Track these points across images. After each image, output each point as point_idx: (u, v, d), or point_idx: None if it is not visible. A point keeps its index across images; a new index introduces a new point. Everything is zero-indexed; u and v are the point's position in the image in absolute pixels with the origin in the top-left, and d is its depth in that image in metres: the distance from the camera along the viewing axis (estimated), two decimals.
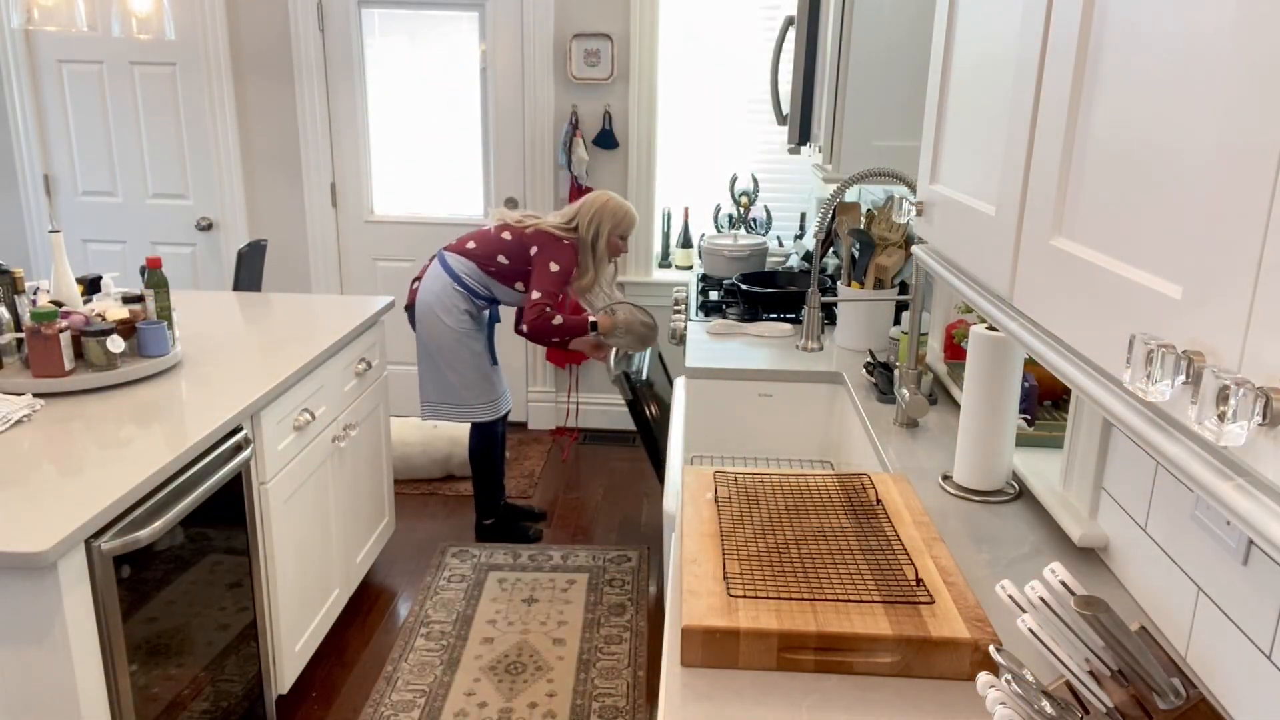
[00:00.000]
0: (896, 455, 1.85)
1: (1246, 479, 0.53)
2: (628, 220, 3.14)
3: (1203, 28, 0.60)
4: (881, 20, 2.16)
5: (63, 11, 2.76)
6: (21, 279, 2.23)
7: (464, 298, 3.13)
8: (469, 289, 3.13)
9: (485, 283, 3.14)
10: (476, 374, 3.22)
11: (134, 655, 1.77)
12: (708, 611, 1.16)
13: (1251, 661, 1.01)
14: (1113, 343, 0.68)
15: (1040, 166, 0.85)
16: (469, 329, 3.16)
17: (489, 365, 3.27)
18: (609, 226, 3.10)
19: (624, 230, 3.14)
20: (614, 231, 3.12)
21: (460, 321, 3.13)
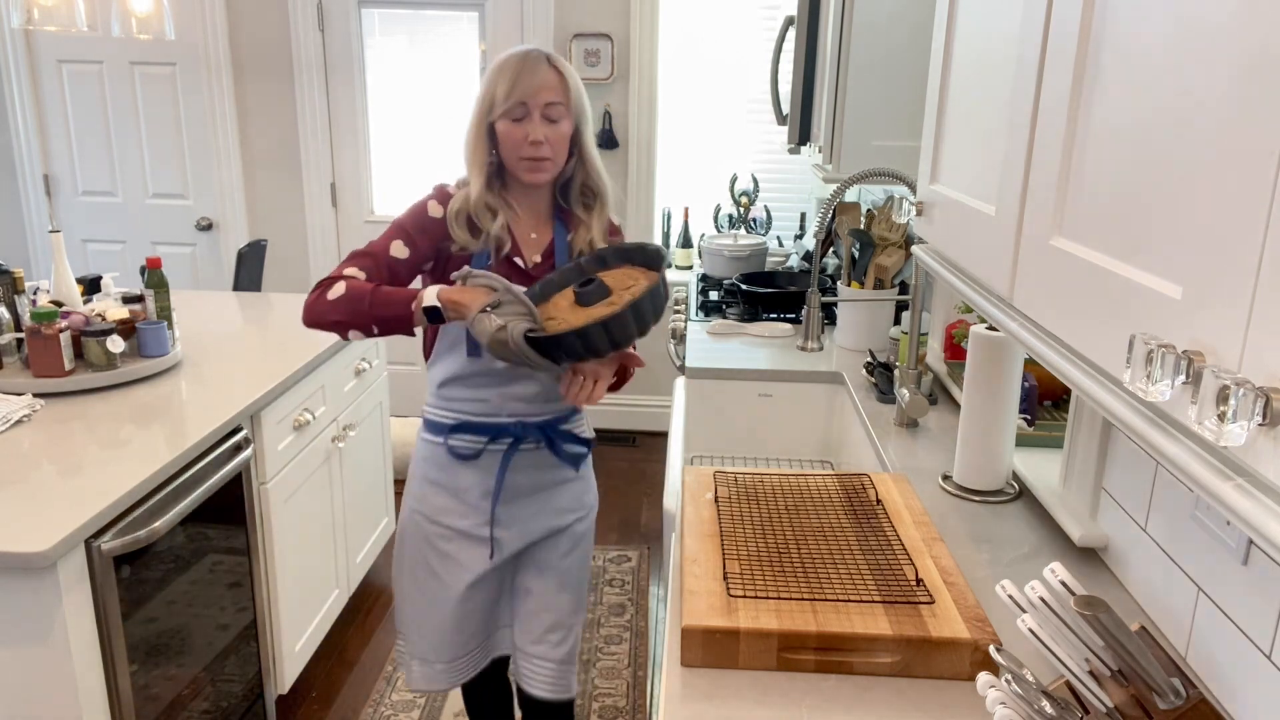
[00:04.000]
0: (896, 455, 1.85)
1: (1246, 479, 0.53)
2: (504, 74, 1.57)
3: (1203, 28, 0.60)
4: (881, 20, 2.16)
5: (63, 11, 2.76)
6: (21, 279, 2.23)
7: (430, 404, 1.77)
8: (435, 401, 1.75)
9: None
10: (421, 597, 1.79)
11: (134, 655, 1.77)
12: (708, 611, 1.16)
13: (1251, 661, 1.01)
14: (1113, 343, 0.68)
15: (1040, 166, 0.85)
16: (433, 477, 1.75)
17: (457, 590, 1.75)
18: (483, 98, 1.60)
19: (509, 92, 1.56)
20: (495, 102, 1.57)
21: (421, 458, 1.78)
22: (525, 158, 1.60)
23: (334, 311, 1.54)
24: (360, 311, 1.52)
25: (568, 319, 1.49)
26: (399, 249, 1.62)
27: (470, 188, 1.63)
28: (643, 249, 1.64)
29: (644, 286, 1.52)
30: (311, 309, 1.57)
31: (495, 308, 1.45)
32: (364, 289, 1.53)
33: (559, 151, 1.62)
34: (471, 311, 1.45)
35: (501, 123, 1.60)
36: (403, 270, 1.61)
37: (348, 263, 1.60)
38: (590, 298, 1.52)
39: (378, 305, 1.53)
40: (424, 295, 1.51)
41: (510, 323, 1.43)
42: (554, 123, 1.59)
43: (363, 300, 1.52)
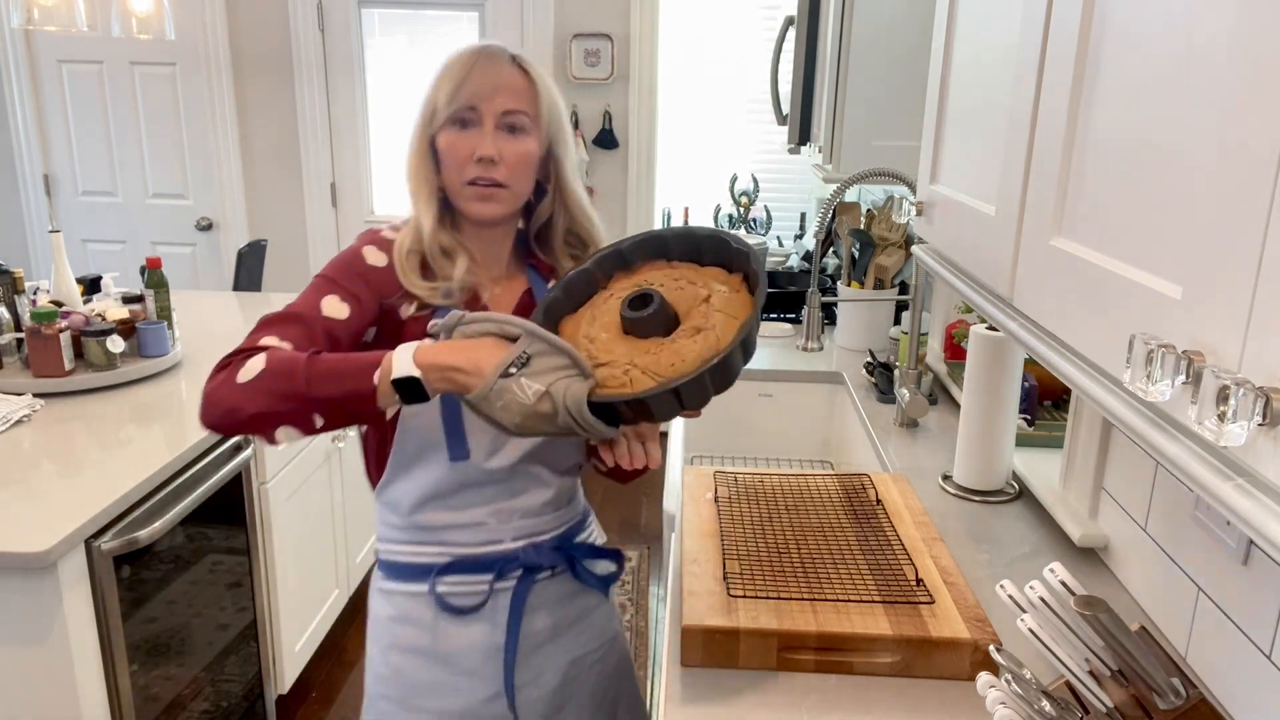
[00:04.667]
0: (896, 455, 1.84)
1: (1246, 479, 0.53)
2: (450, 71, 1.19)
3: (1203, 27, 0.60)
4: (882, 20, 2.16)
5: (63, 11, 2.76)
6: (21, 279, 2.23)
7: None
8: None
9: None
10: None
11: (134, 655, 1.77)
12: (708, 611, 1.16)
13: (1251, 661, 1.01)
14: (1113, 343, 0.68)
15: (1040, 166, 0.85)
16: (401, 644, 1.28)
17: None
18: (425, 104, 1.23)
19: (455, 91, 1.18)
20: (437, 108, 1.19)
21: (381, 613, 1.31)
22: (471, 180, 1.16)
23: (250, 400, 1.02)
24: (292, 394, 1.01)
25: (628, 360, 1.03)
26: (334, 306, 1.14)
27: (419, 224, 1.19)
28: (719, 241, 1.14)
29: (743, 307, 1.06)
30: (214, 401, 1.04)
31: (524, 365, 0.99)
32: (293, 360, 1.03)
33: (518, 176, 1.18)
34: (484, 378, 0.98)
35: (444, 133, 1.17)
36: (344, 336, 1.14)
37: (259, 331, 1.11)
38: (649, 325, 1.06)
39: (319, 381, 1.01)
40: (393, 360, 1.01)
41: (555, 386, 0.98)
42: (514, 136, 1.17)
43: (294, 376, 1.02)
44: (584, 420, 0.98)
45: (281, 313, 1.13)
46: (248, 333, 1.12)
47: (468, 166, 1.16)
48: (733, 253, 1.13)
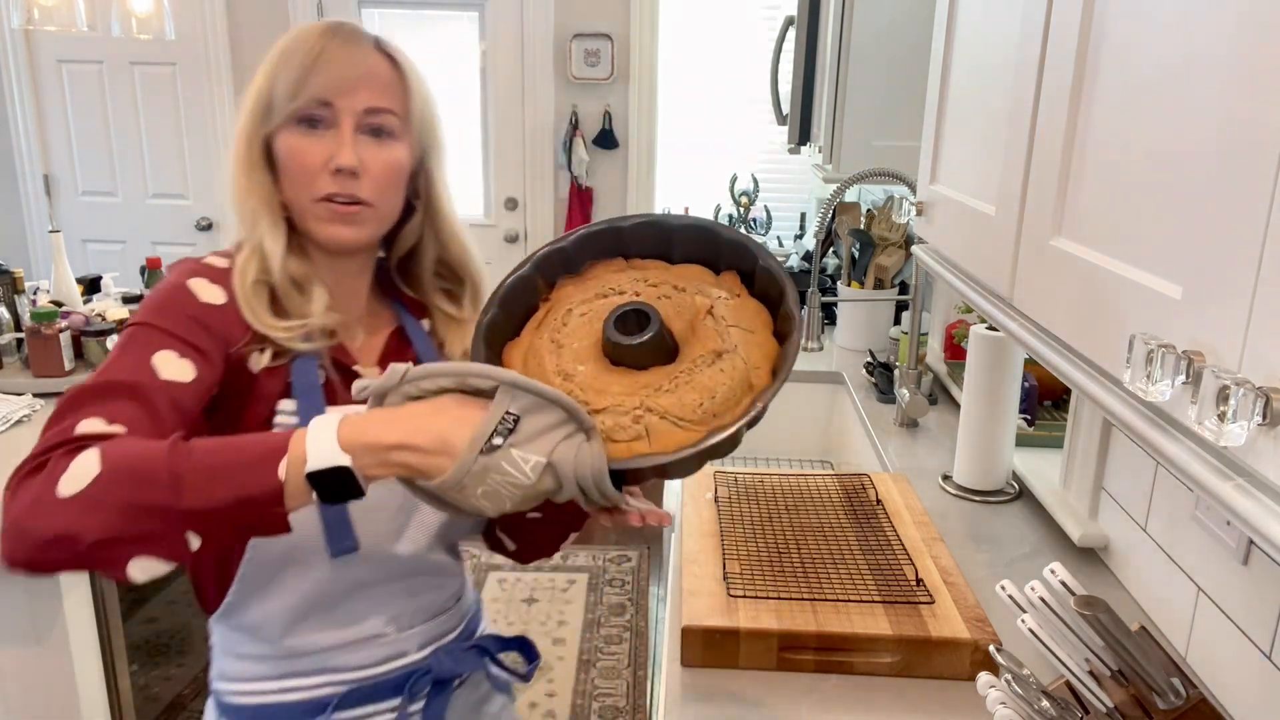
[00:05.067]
0: (896, 455, 1.84)
1: (1246, 479, 0.53)
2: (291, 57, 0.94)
3: (1203, 27, 0.60)
4: (882, 20, 2.16)
5: (63, 11, 2.76)
6: (21, 279, 2.23)
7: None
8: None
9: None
10: None
11: (134, 655, 1.77)
12: (708, 611, 1.16)
13: (1251, 661, 1.01)
14: (1113, 343, 0.68)
15: (1040, 166, 0.85)
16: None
17: None
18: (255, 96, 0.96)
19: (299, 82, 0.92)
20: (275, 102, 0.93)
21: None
22: (324, 196, 0.92)
23: (86, 520, 0.70)
24: (152, 507, 0.71)
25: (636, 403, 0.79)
26: (173, 365, 0.85)
27: (262, 249, 0.94)
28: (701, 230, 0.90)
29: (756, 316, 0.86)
30: (26, 528, 0.71)
31: (511, 432, 0.72)
32: (147, 455, 0.72)
33: (385, 192, 0.96)
34: (457, 458, 0.71)
35: (286, 135, 0.93)
36: (193, 405, 0.86)
37: (73, 411, 0.79)
38: (649, 353, 0.82)
39: (194, 483, 0.71)
40: (306, 442, 0.72)
41: (559, 454, 0.73)
42: (379, 142, 0.94)
43: (153, 479, 0.71)
44: (602, 493, 0.75)
45: (101, 382, 0.81)
46: (50, 415, 0.79)
47: (319, 179, 0.92)
48: (724, 246, 0.88)
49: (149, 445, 0.74)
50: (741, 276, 0.89)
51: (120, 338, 0.88)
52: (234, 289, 0.92)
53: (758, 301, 0.88)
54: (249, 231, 0.96)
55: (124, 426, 0.78)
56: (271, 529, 0.75)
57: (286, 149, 0.93)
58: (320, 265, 0.98)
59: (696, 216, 0.92)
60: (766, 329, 0.85)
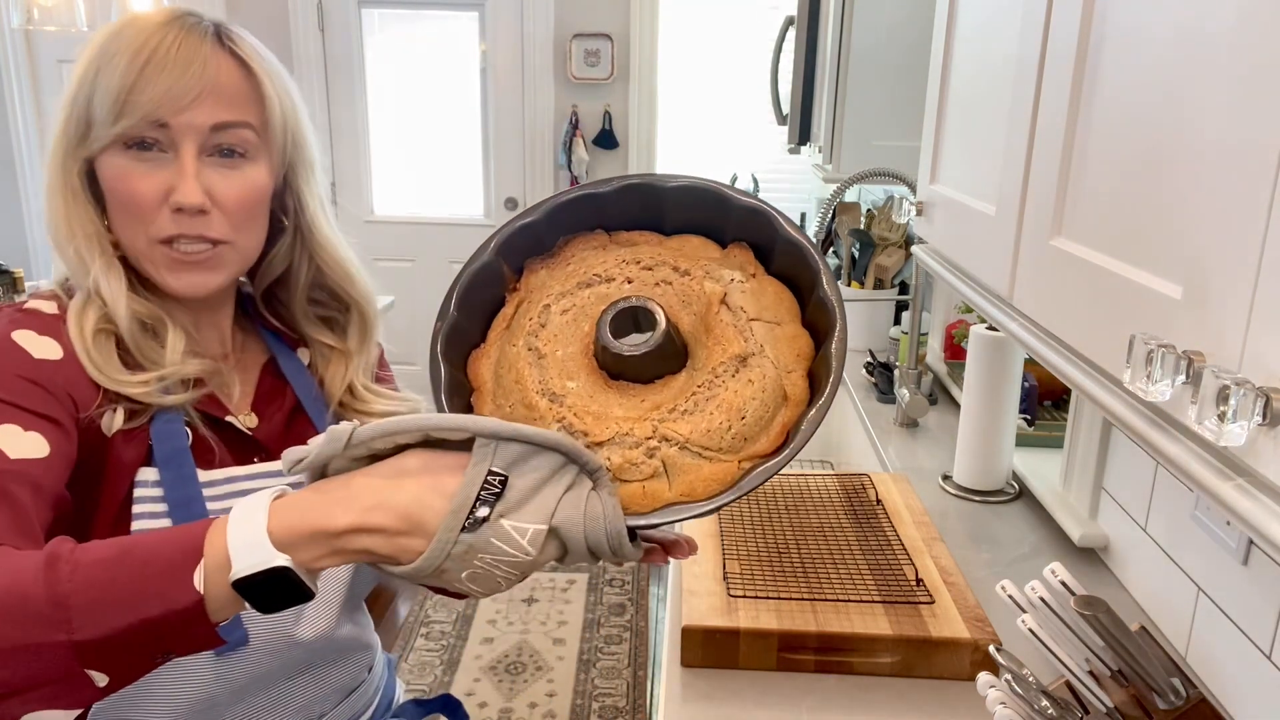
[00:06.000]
0: (896, 455, 1.84)
1: (1246, 479, 0.53)
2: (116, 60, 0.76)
3: (1203, 27, 0.60)
4: (881, 20, 2.16)
5: (63, 11, 2.76)
6: (21, 279, 2.24)
7: None
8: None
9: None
10: None
11: None
12: (708, 611, 1.16)
13: (1251, 661, 1.01)
14: (1113, 343, 0.68)
15: (1040, 166, 0.85)
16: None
17: None
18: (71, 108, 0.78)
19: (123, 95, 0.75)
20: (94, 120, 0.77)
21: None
22: (165, 239, 0.78)
23: None
24: (38, 644, 0.55)
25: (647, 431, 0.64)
26: (21, 441, 0.69)
27: (99, 292, 0.78)
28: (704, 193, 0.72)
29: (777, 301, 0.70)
30: None
31: (498, 497, 0.57)
32: (21, 575, 0.56)
33: (244, 224, 0.82)
34: (433, 537, 0.57)
35: (110, 160, 0.77)
36: (51, 487, 0.70)
37: None
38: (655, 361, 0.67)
39: (88, 608, 0.55)
40: (228, 536, 0.57)
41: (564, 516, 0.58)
42: (231, 165, 0.80)
43: (31, 608, 0.55)
44: (625, 550, 0.60)
45: None
46: None
47: (157, 218, 0.77)
48: (732, 212, 0.71)
49: (17, 563, 0.56)
50: (754, 250, 0.72)
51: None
52: (70, 341, 0.76)
53: (778, 282, 0.71)
54: (78, 274, 0.79)
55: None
56: (195, 647, 0.59)
57: (112, 179, 0.76)
58: (171, 303, 0.82)
59: (696, 176, 0.72)
60: (794, 317, 0.69)
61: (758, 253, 0.72)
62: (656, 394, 0.67)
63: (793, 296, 0.71)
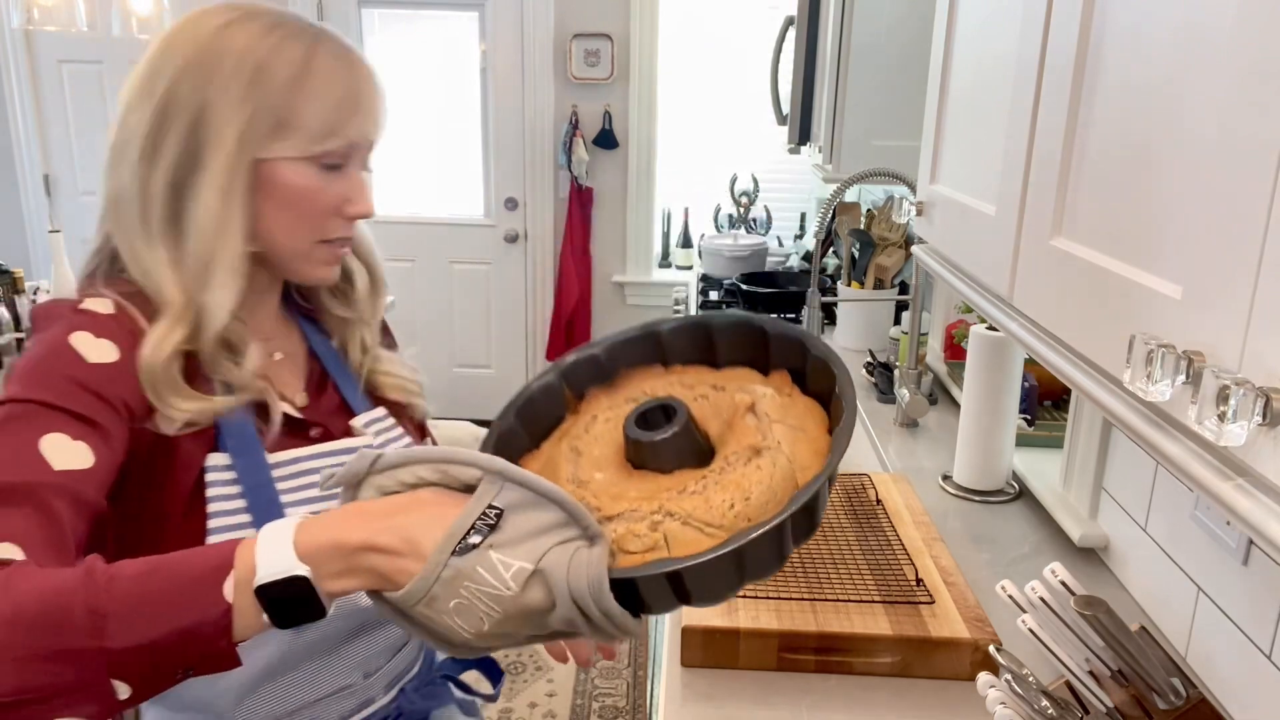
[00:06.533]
0: (896, 455, 1.84)
1: (1246, 479, 0.53)
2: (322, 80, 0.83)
3: (1203, 27, 0.60)
4: (881, 20, 2.16)
5: (63, 11, 2.76)
6: (21, 279, 2.24)
7: None
8: None
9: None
10: None
11: None
12: (708, 611, 1.16)
13: (1251, 661, 1.01)
14: (1113, 343, 0.68)
15: (1040, 166, 0.85)
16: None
17: None
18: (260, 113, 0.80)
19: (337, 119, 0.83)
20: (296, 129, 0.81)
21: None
22: (331, 239, 0.86)
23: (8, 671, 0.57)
24: (71, 652, 0.58)
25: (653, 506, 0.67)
26: (66, 451, 0.70)
27: (205, 309, 0.80)
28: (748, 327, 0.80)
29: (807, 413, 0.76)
30: None
31: (492, 529, 0.61)
32: (60, 589, 0.59)
33: None
34: (426, 558, 0.60)
35: (297, 169, 0.82)
36: (95, 497, 0.72)
37: None
38: (674, 452, 0.72)
39: (122, 620, 0.59)
40: (256, 553, 0.62)
41: (551, 559, 0.60)
42: (368, 174, 0.90)
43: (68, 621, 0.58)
44: (605, 612, 0.60)
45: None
46: None
47: (330, 222, 0.85)
48: (771, 341, 0.78)
49: (59, 578, 0.60)
50: (793, 375, 0.79)
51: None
52: (139, 356, 0.77)
53: (812, 399, 0.77)
54: (194, 282, 0.80)
55: (18, 545, 0.63)
56: (215, 665, 0.62)
57: (295, 186, 0.82)
58: (246, 298, 0.85)
59: (738, 311, 0.82)
60: (820, 426, 0.74)
61: (795, 377, 0.79)
62: (671, 481, 0.70)
63: (823, 412, 0.76)
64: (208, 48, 0.79)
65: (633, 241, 4.23)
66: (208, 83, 0.79)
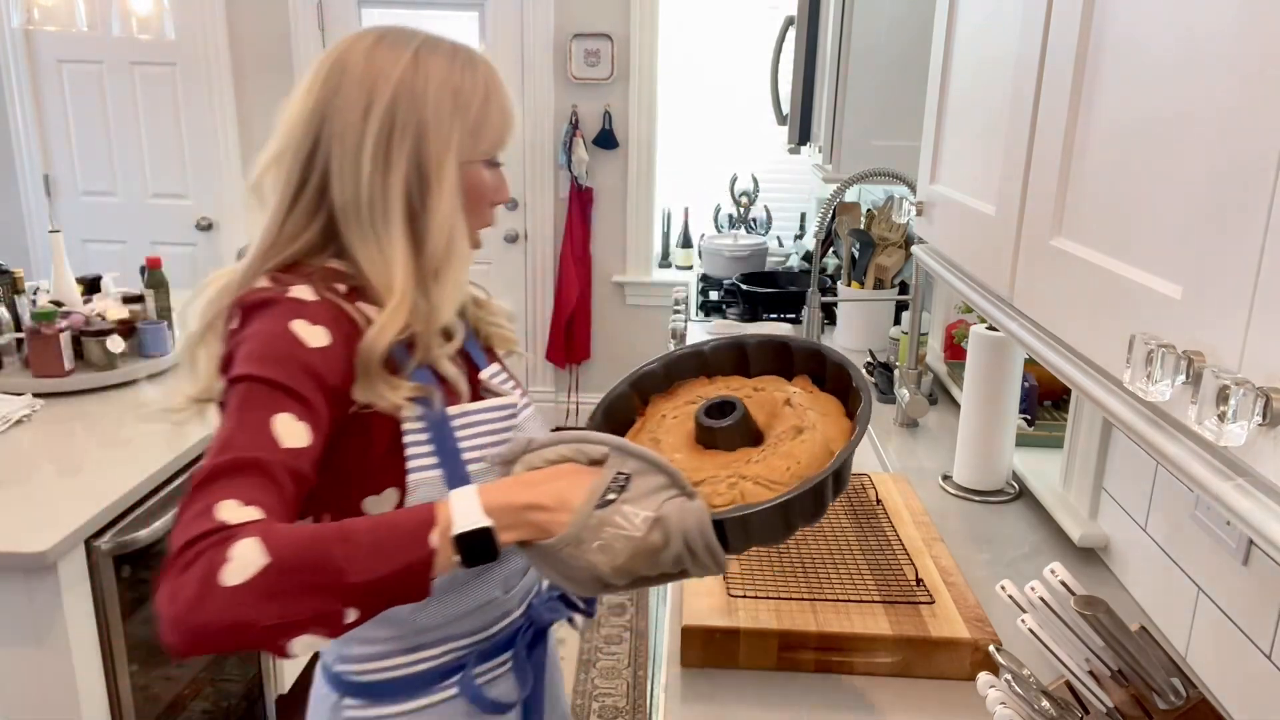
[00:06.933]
0: (896, 455, 1.84)
1: (1246, 479, 0.53)
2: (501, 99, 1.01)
3: (1203, 28, 0.60)
4: (882, 20, 2.16)
5: (63, 11, 2.76)
6: (21, 279, 2.23)
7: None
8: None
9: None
10: None
11: (134, 655, 1.77)
12: (708, 611, 1.16)
13: (1251, 661, 1.01)
14: (1113, 343, 0.68)
15: (1040, 166, 0.85)
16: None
17: None
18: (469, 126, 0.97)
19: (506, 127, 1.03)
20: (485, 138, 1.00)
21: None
22: (484, 224, 1.05)
23: (259, 609, 0.72)
24: (321, 588, 0.74)
25: (729, 473, 0.88)
26: (292, 430, 0.83)
27: (445, 290, 0.95)
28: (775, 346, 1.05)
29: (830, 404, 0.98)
30: (199, 621, 0.73)
31: (622, 489, 0.81)
32: (314, 542, 0.76)
33: None
34: (574, 512, 0.79)
35: (481, 169, 0.99)
36: (309, 470, 0.84)
37: (205, 494, 0.77)
38: (735, 434, 0.93)
39: (359, 563, 0.75)
40: (451, 511, 0.79)
41: (667, 508, 0.79)
42: None
43: (324, 565, 0.75)
44: (708, 547, 0.78)
45: (229, 460, 0.79)
46: (184, 500, 0.78)
47: (489, 211, 1.03)
48: (795, 354, 1.04)
49: (312, 532, 0.77)
50: (812, 379, 1.03)
51: (234, 395, 0.84)
52: (340, 335, 0.89)
53: (830, 395, 1.00)
54: (429, 278, 0.96)
55: (258, 507, 0.78)
56: (415, 596, 0.80)
57: (482, 184, 1.00)
58: None
59: (770, 334, 1.09)
60: (840, 413, 0.97)
61: (815, 380, 1.03)
62: (736, 455, 0.92)
63: (840, 404, 0.99)
64: (411, 75, 0.95)
65: (633, 241, 4.23)
66: (422, 105, 0.94)
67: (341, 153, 0.94)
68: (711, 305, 3.03)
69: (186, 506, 0.78)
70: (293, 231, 0.96)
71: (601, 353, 4.34)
